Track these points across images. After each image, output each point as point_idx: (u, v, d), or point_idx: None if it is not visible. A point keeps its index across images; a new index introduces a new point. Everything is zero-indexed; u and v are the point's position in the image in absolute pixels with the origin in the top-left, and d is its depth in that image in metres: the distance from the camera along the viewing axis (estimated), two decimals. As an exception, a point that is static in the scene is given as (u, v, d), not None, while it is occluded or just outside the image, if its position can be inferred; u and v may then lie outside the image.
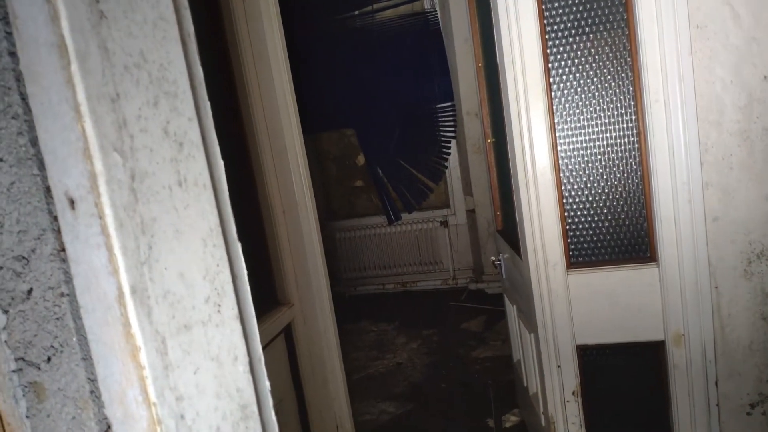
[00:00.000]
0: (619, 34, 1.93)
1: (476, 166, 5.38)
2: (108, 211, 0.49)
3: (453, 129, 5.61)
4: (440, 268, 5.99)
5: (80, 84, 0.48)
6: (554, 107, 2.00)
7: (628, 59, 1.93)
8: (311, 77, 5.72)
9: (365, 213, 6.24)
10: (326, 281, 2.57)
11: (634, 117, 1.95)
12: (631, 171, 1.99)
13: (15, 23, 0.49)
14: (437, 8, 5.44)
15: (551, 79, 1.99)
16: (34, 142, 0.52)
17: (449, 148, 5.71)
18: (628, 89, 1.95)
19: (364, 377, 4.10)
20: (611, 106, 1.97)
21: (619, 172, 2.00)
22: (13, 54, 0.51)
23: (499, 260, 2.74)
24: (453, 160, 5.78)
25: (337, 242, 6.24)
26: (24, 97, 0.51)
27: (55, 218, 0.53)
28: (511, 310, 2.81)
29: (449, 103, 5.52)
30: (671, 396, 2.05)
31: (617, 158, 1.99)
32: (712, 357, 1.97)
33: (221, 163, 0.66)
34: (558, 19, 1.97)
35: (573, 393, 2.16)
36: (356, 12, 5.58)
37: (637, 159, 1.97)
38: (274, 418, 0.75)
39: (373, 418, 3.48)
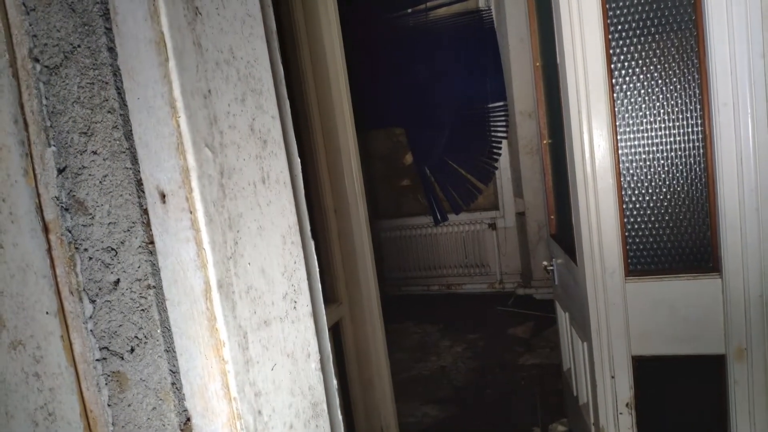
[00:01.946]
0: (687, 35, 1.86)
1: (528, 167, 5.30)
2: (199, 206, 0.50)
3: (505, 129, 5.53)
4: (487, 272, 5.91)
5: (176, 80, 0.48)
6: (616, 109, 1.95)
7: (695, 61, 1.86)
8: (362, 75, 5.75)
9: (411, 213, 6.22)
10: (375, 281, 2.57)
11: (700, 121, 1.88)
12: (695, 177, 1.92)
13: (115, 19, 0.50)
14: (492, 6, 5.38)
15: (613, 80, 1.94)
16: (129, 135, 0.53)
17: (500, 148, 5.63)
18: (695, 92, 1.88)
19: (408, 379, 4.09)
20: (676, 109, 1.90)
21: (682, 178, 1.93)
22: (111, 50, 0.52)
23: (552, 265, 2.69)
24: (503, 161, 5.69)
25: (382, 241, 6.25)
26: (120, 92, 0.52)
27: (145, 211, 0.54)
28: (563, 317, 2.75)
29: (501, 103, 5.44)
30: (730, 413, 1.97)
31: (681, 163, 1.93)
32: (777, 374, 1.88)
33: (299, 161, 0.67)
34: (622, 19, 1.92)
35: (626, 405, 2.10)
36: (409, 10, 5.57)
37: (702, 165, 1.90)
38: (340, 417, 0.75)
39: (417, 420, 3.46)
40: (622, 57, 1.92)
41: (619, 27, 1.91)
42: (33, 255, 0.60)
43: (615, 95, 1.94)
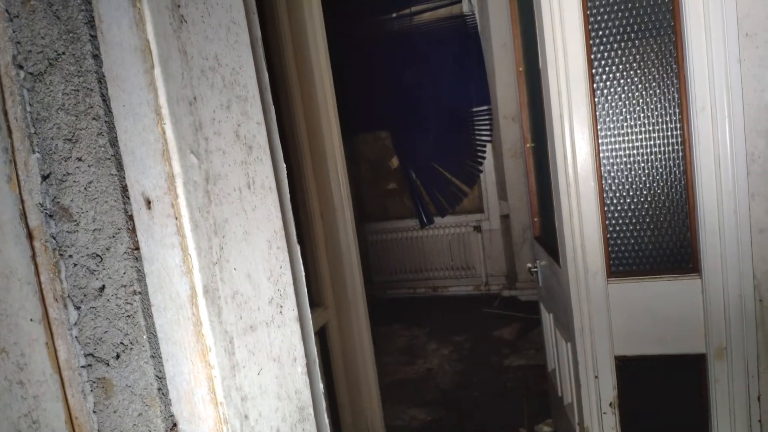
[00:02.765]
0: (666, 40, 1.89)
1: (512, 170, 5.34)
2: (184, 212, 0.50)
3: (489, 133, 5.57)
4: (472, 274, 5.94)
5: (162, 87, 0.49)
6: (597, 113, 1.97)
7: (674, 66, 1.89)
8: (347, 79, 5.75)
9: (398, 216, 6.23)
10: (361, 285, 2.57)
11: (679, 125, 1.91)
12: (675, 180, 1.95)
13: (100, 27, 0.50)
14: (476, 11, 5.42)
15: (595, 85, 1.96)
16: (114, 142, 0.53)
17: (484, 152, 5.67)
18: (674, 97, 1.91)
19: (395, 382, 4.10)
20: (656, 113, 1.93)
21: (662, 181, 1.96)
22: (96, 57, 0.52)
23: (536, 267, 2.71)
24: (488, 164, 5.73)
25: (368, 245, 6.25)
26: (105, 99, 0.53)
27: (131, 217, 0.54)
28: (547, 319, 2.77)
29: (485, 107, 5.49)
30: (711, 411, 1.99)
31: (661, 166, 1.96)
32: (755, 372, 1.91)
33: (284, 166, 0.67)
34: (603, 25, 1.94)
35: (610, 404, 2.12)
36: (394, 14, 5.59)
37: (682, 168, 1.93)
38: (327, 421, 0.75)
39: (404, 424, 3.47)
40: (603, 62, 1.95)
41: (600, 32, 1.93)
42: (17, 262, 0.60)
43: (596, 99, 1.96)
